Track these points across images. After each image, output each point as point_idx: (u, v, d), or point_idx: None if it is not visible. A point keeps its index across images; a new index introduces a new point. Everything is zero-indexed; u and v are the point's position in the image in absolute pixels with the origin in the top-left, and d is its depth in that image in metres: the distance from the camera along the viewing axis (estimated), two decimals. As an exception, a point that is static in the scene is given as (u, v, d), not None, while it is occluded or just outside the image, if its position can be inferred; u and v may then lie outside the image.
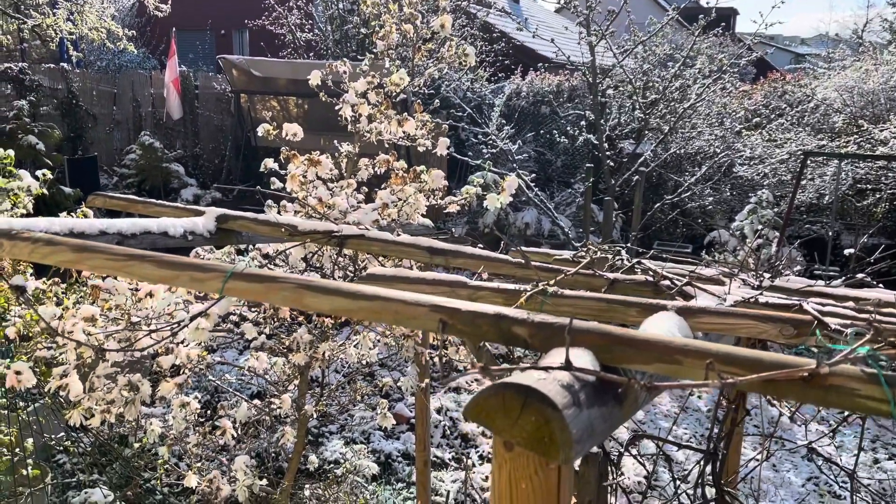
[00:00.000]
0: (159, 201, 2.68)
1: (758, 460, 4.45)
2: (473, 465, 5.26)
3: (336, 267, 3.51)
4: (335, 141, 3.89)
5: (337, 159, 3.80)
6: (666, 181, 10.40)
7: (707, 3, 9.34)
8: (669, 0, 21.30)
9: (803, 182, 8.53)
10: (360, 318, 1.47)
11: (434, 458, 5.30)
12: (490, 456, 5.47)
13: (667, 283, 2.13)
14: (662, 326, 1.40)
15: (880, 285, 3.21)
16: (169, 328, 2.44)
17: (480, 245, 2.60)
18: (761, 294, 1.81)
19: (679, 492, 2.86)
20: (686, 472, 3.91)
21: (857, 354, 0.87)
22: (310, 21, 13.38)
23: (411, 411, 5.82)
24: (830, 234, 8.32)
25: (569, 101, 11.56)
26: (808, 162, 8.41)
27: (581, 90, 11.13)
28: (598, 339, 0.95)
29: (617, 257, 2.82)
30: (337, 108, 3.67)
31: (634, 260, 2.62)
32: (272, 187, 3.59)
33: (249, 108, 11.25)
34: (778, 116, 10.83)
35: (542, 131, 11.35)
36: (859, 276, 3.27)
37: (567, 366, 0.85)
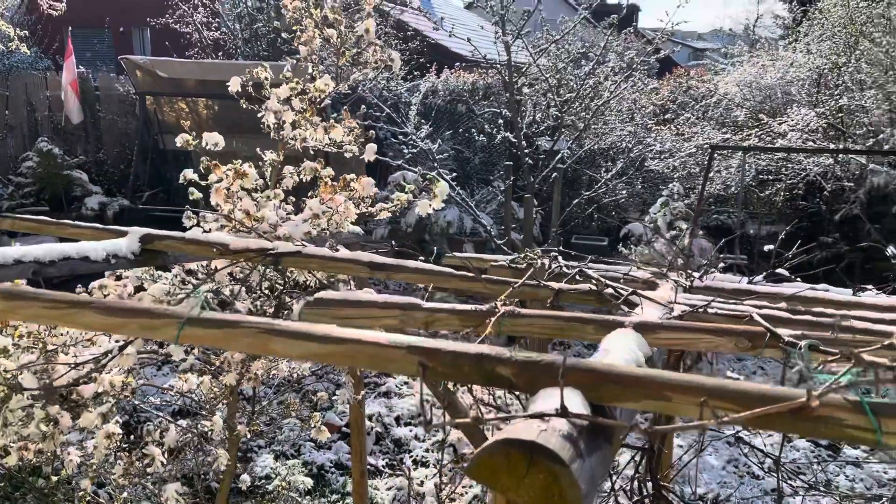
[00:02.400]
0: (76, 222, 2.51)
1: (692, 447, 4.60)
2: (409, 471, 5.22)
3: (263, 278, 3.40)
4: (246, 143, 3.76)
5: (261, 168, 3.67)
6: (582, 177, 10.64)
7: (617, 1, 9.57)
8: (576, -3, 21.82)
9: (711, 174, 8.89)
10: (331, 363, 1.41)
11: (368, 467, 5.23)
12: (424, 460, 5.45)
13: (610, 292, 2.15)
14: (623, 346, 1.40)
15: (798, 279, 3.36)
16: (93, 360, 2.29)
17: (416, 255, 2.56)
18: (709, 304, 1.85)
19: (616, 488, 2.91)
20: (622, 468, 4.00)
21: (840, 383, 0.88)
22: (217, 19, 12.94)
23: (342, 419, 5.73)
24: (737, 223, 8.73)
25: (485, 99, 11.64)
26: (715, 155, 8.76)
27: (497, 88, 11.23)
28: (585, 378, 0.92)
29: (555, 264, 2.84)
30: (259, 115, 3.55)
31: (571, 268, 2.64)
32: (191, 198, 3.44)
33: (156, 111, 10.79)
34: (684, 111, 11.25)
35: (459, 129, 11.39)
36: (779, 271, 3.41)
37: (563, 412, 0.82)
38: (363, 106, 4.70)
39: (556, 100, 8.99)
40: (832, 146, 8.96)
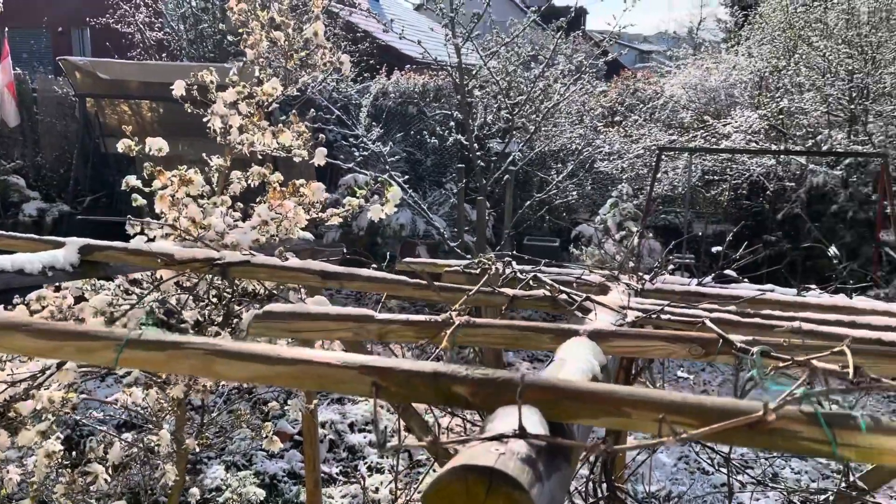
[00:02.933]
0: (10, 233, 2.39)
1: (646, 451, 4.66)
2: (363, 479, 5.16)
3: (211, 287, 3.31)
4: (193, 147, 3.66)
5: (207, 173, 3.58)
6: (533, 178, 10.71)
7: (568, 5, 9.66)
8: (526, 0, 21.99)
9: (659, 175, 9.05)
10: (280, 385, 1.36)
11: (322, 475, 5.15)
12: (379, 466, 5.40)
13: (565, 297, 2.15)
14: (579, 355, 1.39)
15: (745, 280, 3.43)
16: (30, 377, 2.19)
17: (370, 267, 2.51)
18: (662, 310, 1.86)
19: (571, 490, 2.92)
20: (577, 469, 4.02)
21: (795, 395, 0.88)
22: (160, 19, 12.63)
23: (294, 427, 5.63)
24: (684, 222, 8.90)
25: (436, 101, 11.63)
26: (662, 156, 8.92)
27: (447, 90, 11.23)
28: (543, 394, 0.91)
29: (509, 269, 2.83)
30: (205, 119, 3.46)
31: (525, 273, 2.64)
32: (135, 204, 3.33)
33: (97, 113, 10.47)
34: (632, 113, 11.43)
35: (411, 131, 11.35)
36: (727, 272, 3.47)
37: (522, 433, 0.80)
38: (312, 109, 4.65)
39: (507, 102, 9.03)
40: (774, 147, 9.21)
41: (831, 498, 3.13)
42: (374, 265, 2.35)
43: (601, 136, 10.92)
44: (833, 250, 3.75)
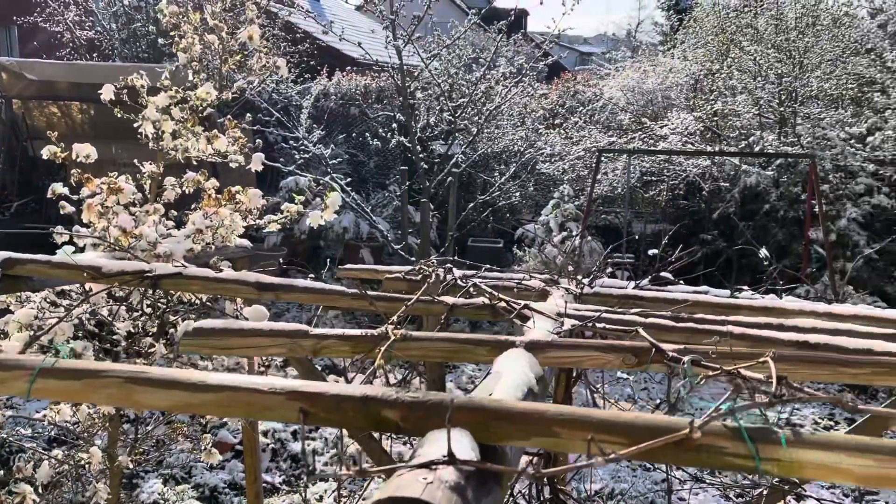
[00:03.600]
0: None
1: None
2: (307, 487, 5.09)
3: (144, 297, 3.21)
4: (128, 150, 3.55)
5: (139, 180, 3.48)
6: (476, 180, 10.75)
7: (510, 7, 9.71)
8: (467, 1, 22.06)
9: (599, 177, 9.20)
10: (205, 414, 1.32)
11: (264, 485, 5.06)
12: (323, 475, 5.33)
13: (503, 305, 2.16)
14: (515, 368, 1.39)
15: (681, 281, 3.50)
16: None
17: (307, 278, 2.48)
18: (598, 317, 1.88)
19: (515, 492, 2.93)
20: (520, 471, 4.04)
21: (722, 410, 0.89)
22: (90, 18, 12.21)
23: (235, 436, 5.52)
24: (624, 223, 9.07)
25: (378, 102, 11.57)
26: (602, 158, 9.07)
27: (390, 91, 11.18)
28: (474, 416, 0.90)
29: (450, 276, 2.82)
30: (136, 124, 3.36)
31: (466, 280, 2.64)
32: (63, 212, 3.20)
33: (25, 115, 10.06)
34: (572, 115, 11.59)
35: (353, 133, 11.26)
36: (663, 274, 3.54)
37: (451, 460, 0.79)
38: (250, 113, 4.54)
39: (449, 104, 9.04)
40: (709, 148, 9.47)
41: (765, 492, 3.22)
42: (312, 275, 2.32)
43: (543, 138, 11.04)
44: (763, 252, 3.87)
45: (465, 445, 0.85)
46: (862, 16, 9.13)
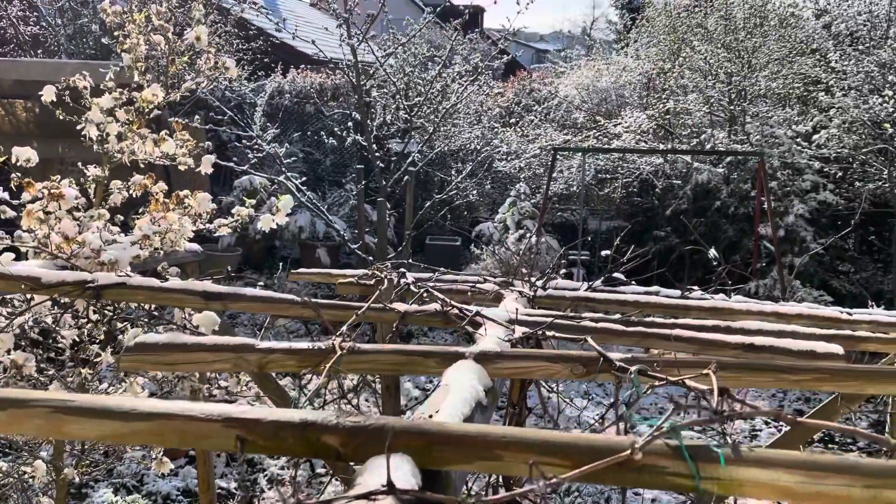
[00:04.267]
0: None
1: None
2: (262, 492, 5.03)
3: (90, 304, 3.12)
4: (76, 149, 3.45)
5: (84, 184, 3.38)
6: (434, 178, 10.74)
7: (464, 4, 9.70)
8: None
9: (554, 174, 9.26)
10: (137, 444, 1.28)
11: (219, 491, 4.98)
12: (280, 478, 5.27)
13: (456, 312, 2.15)
14: (463, 381, 1.39)
15: (633, 282, 3.54)
16: None
17: (256, 285, 2.43)
18: (548, 325, 1.88)
19: (472, 493, 2.92)
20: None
21: (663, 429, 0.89)
22: (35, 13, 11.83)
23: (190, 442, 5.41)
24: (579, 220, 9.16)
25: (334, 100, 11.47)
26: (557, 156, 9.14)
27: (346, 89, 11.09)
28: (416, 441, 0.89)
29: (404, 280, 2.81)
30: (79, 127, 3.26)
31: (418, 285, 2.62)
32: (3, 217, 3.10)
33: (-35, 113, 9.72)
34: (528, 114, 11.65)
35: (308, 131, 11.14)
36: (616, 275, 3.57)
37: (390, 489, 0.78)
38: (202, 111, 4.47)
39: (405, 103, 9.00)
40: (661, 146, 9.61)
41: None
42: (261, 284, 2.28)
43: (499, 137, 11.07)
44: (712, 252, 3.94)
45: (405, 472, 0.84)
46: (807, 16, 9.36)
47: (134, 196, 3.42)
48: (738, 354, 1.92)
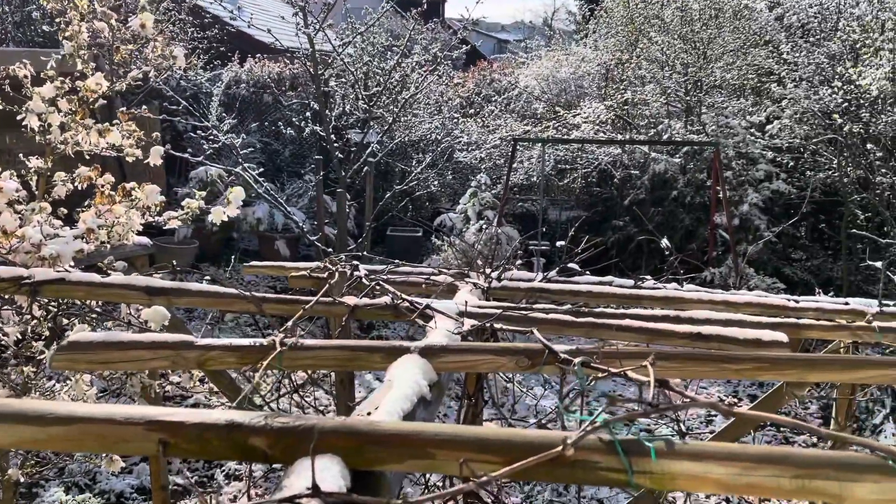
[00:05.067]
0: None
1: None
2: (220, 488, 4.96)
3: (34, 299, 3.03)
4: (22, 139, 3.34)
5: (25, 177, 3.28)
6: (394, 169, 10.68)
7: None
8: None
9: (515, 165, 9.28)
10: (55, 450, 1.23)
11: (175, 487, 4.89)
12: (237, 473, 5.20)
13: (406, 305, 2.13)
14: (407, 377, 1.37)
15: (587, 272, 3.56)
16: None
17: (203, 279, 2.38)
18: (496, 317, 1.87)
19: (431, 484, 2.92)
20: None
21: (596, 423, 0.89)
22: (-20, -1, 11.44)
23: (145, 439, 5.31)
24: (539, 211, 9.21)
25: (292, 90, 11.32)
26: (517, 146, 9.16)
27: (304, 78, 10.94)
28: (347, 441, 0.86)
29: (355, 273, 2.78)
30: (20, 117, 3.16)
31: (370, 277, 2.60)
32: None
33: None
34: (488, 103, 11.65)
35: (266, 121, 10.98)
36: (571, 265, 3.59)
37: (315, 492, 0.75)
38: (157, 101, 4.35)
39: (364, 92, 8.92)
40: (620, 137, 9.69)
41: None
42: (209, 278, 2.23)
43: (460, 127, 11.05)
44: (665, 242, 3.98)
45: (334, 474, 0.82)
46: (760, 8, 9.50)
47: (80, 189, 3.33)
48: (687, 343, 1.94)
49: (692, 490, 0.87)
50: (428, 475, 2.65)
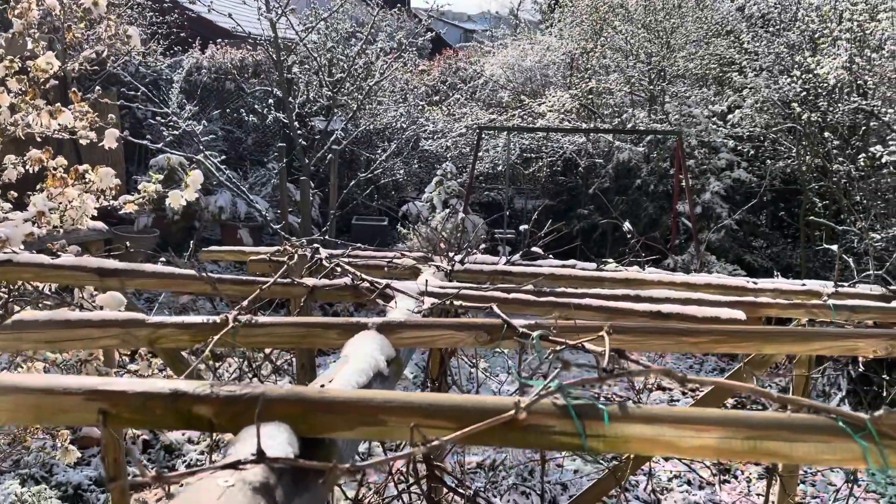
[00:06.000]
0: None
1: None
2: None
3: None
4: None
5: (-27, 159, 3.17)
6: (360, 157, 10.61)
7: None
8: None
9: (480, 154, 9.27)
10: None
11: (135, 478, 4.81)
12: (200, 464, 5.13)
13: (366, 285, 2.11)
14: (364, 352, 1.35)
15: (550, 256, 3.57)
16: None
17: (165, 260, 2.33)
18: (457, 294, 1.86)
19: (393, 472, 2.91)
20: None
21: (550, 388, 0.88)
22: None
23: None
24: (505, 199, 9.22)
25: (255, 77, 11.16)
26: (483, 135, 9.15)
27: (267, 65, 10.80)
28: (294, 408, 0.84)
29: (316, 255, 2.74)
30: (-35, 97, 3.04)
31: (331, 259, 2.57)
32: None
33: None
34: (454, 92, 11.61)
35: (228, 109, 10.82)
36: (534, 249, 3.59)
37: (260, 457, 0.73)
38: (116, 87, 4.24)
39: (328, 79, 8.83)
40: (584, 125, 9.74)
41: (632, 454, 3.34)
42: (163, 260, 2.18)
43: (425, 115, 11.00)
44: (626, 226, 4.01)
45: (281, 441, 0.80)
46: (722, -1, 9.61)
47: (32, 172, 3.24)
48: (647, 321, 1.95)
49: (646, 452, 0.87)
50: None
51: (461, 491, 2.50)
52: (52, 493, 4.49)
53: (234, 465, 0.72)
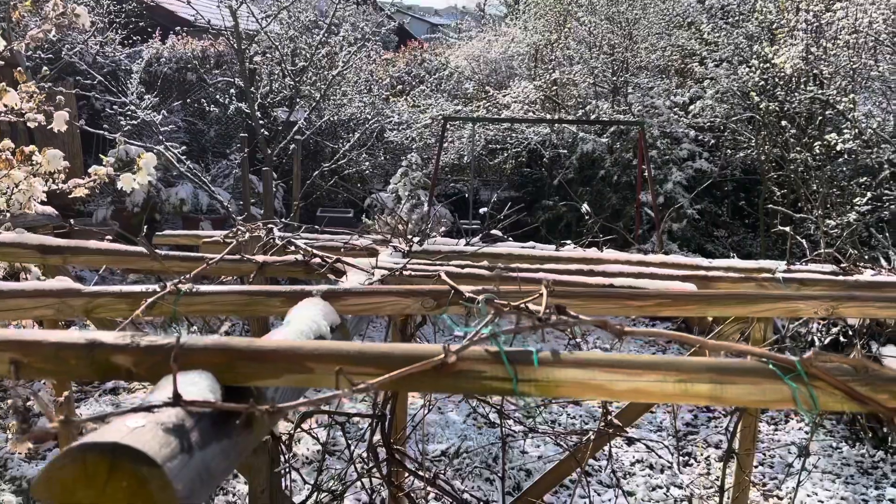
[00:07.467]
0: None
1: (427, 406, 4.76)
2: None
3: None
4: None
5: (-86, 141, 3.07)
6: (323, 148, 10.52)
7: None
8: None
9: (445, 145, 9.26)
10: None
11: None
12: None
13: (317, 261, 2.08)
14: (306, 316, 1.33)
15: (510, 238, 3.57)
16: None
17: (112, 238, 2.26)
18: (406, 265, 1.84)
19: (354, 456, 2.89)
20: (363, 434, 4.01)
21: (482, 335, 0.87)
22: None
23: (61, 424, 5.09)
24: (470, 190, 9.23)
25: (217, 68, 11.00)
26: (448, 126, 9.13)
27: (229, 56, 10.65)
28: (217, 357, 0.82)
29: (270, 235, 2.71)
30: None
31: (285, 239, 2.53)
32: None
33: None
34: (419, 83, 11.58)
35: (190, 100, 10.64)
36: (494, 232, 3.59)
37: (176, 400, 0.71)
38: (73, 77, 4.14)
39: (290, 69, 8.74)
40: (549, 116, 9.78)
41: (592, 437, 3.36)
42: (110, 238, 2.12)
43: (390, 107, 10.95)
44: (585, 207, 4.03)
45: (202, 388, 0.77)
46: (684, -9, 9.71)
47: (-23, 155, 3.14)
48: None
49: (577, 396, 0.86)
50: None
51: (421, 474, 2.49)
52: (7, 487, 4.38)
53: (148, 409, 0.70)
